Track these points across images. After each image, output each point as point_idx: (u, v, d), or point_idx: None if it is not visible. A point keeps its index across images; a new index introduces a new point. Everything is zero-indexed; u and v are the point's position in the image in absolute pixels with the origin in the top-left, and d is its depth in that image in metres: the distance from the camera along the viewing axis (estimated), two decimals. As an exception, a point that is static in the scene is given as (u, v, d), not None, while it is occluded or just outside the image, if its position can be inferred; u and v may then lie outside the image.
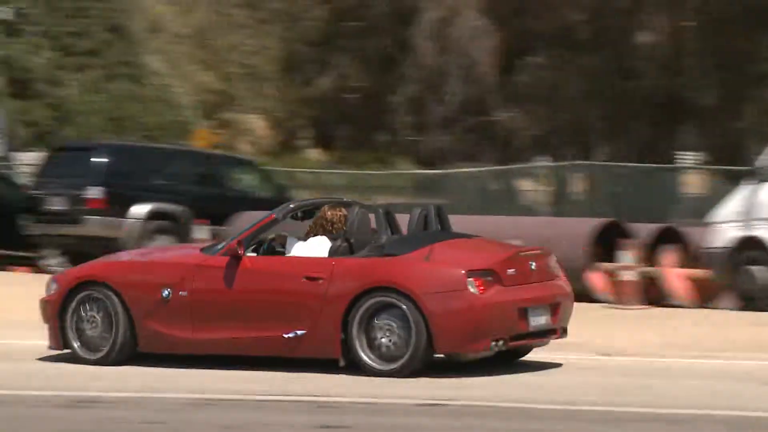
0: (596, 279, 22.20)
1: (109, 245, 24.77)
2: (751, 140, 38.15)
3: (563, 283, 15.21)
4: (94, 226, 26.70)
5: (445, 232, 14.99)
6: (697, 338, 18.08)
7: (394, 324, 13.67)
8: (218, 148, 46.42)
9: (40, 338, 15.56)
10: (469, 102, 41.08)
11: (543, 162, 39.54)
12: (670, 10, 41.41)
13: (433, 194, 37.22)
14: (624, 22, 41.79)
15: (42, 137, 46.22)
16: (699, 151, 37.41)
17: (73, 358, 15.21)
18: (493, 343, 13.70)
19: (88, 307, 15.39)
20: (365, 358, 13.66)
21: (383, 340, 13.76)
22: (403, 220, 15.84)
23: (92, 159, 26.98)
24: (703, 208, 27.98)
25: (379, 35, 45.59)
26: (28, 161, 36.77)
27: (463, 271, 13.67)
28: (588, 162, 36.63)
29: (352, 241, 14.26)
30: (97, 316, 15.32)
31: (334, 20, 47.97)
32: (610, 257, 22.33)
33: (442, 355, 14.33)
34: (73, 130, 47.74)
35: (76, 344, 15.20)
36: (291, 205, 15.92)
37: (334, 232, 14.54)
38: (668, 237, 23.08)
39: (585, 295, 20.92)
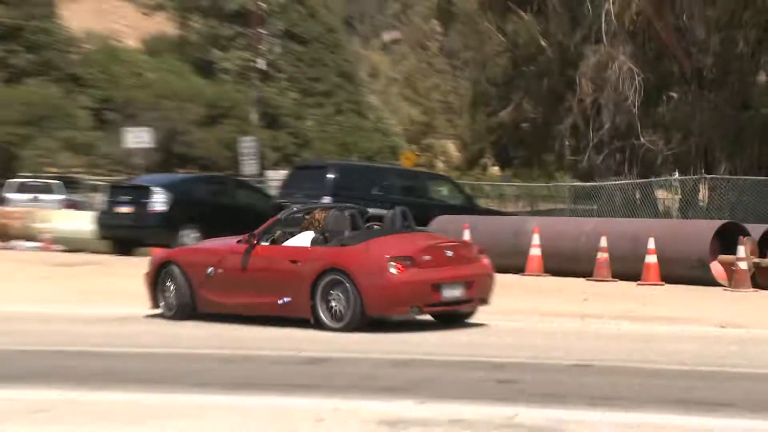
0: (717, 268, 22.08)
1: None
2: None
3: (482, 265, 16.13)
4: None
5: (399, 228, 16.48)
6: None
7: (341, 295, 14.85)
8: (420, 166, 47.02)
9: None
10: (618, 129, 39.81)
11: (675, 176, 39.38)
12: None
13: (588, 202, 38.51)
14: (744, 65, 39.69)
15: (286, 159, 48.01)
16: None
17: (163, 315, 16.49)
18: (411, 309, 15.11)
19: (167, 280, 16.82)
20: (324, 318, 14.96)
21: (334, 305, 14.91)
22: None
23: (325, 175, 26.43)
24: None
25: (549, 76, 43.92)
26: (275, 177, 37.24)
27: (387, 257, 14.95)
28: (711, 176, 35.54)
29: (326, 235, 15.65)
30: (172, 286, 16.73)
31: (513, 65, 46.73)
32: (728, 252, 21.79)
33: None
34: (310, 153, 49.19)
35: (161, 304, 16.77)
36: (293, 209, 18.16)
37: (318, 228, 16.00)
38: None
39: (709, 281, 21.59)
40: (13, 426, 8.22)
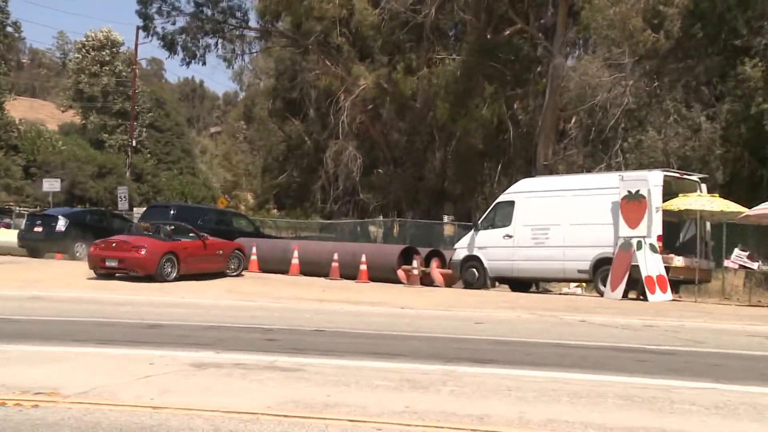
0: (401, 273, 21.39)
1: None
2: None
3: (134, 254, 17.98)
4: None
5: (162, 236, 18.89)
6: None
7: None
8: (229, 207, 43.87)
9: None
10: (348, 189, 38.96)
11: (380, 218, 38.00)
12: None
13: (329, 232, 37.00)
14: (420, 155, 39.33)
15: (147, 201, 45.05)
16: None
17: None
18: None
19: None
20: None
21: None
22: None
23: (169, 211, 25.48)
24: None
25: (308, 157, 42.79)
26: (139, 212, 34.15)
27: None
28: (400, 219, 34.95)
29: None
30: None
31: (288, 150, 45.79)
32: (407, 263, 21.57)
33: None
34: (162, 197, 47.19)
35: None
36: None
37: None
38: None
39: (396, 280, 21.13)
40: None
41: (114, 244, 18.54)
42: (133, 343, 9.02)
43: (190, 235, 19.94)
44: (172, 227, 20.09)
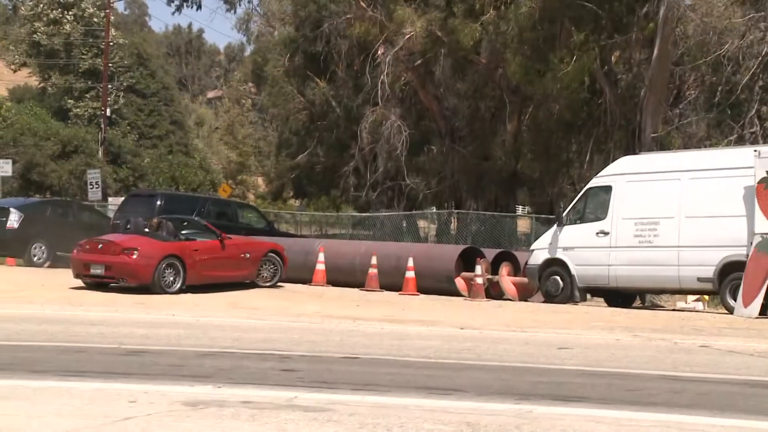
0: (460, 282, 21.96)
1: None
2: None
3: (123, 259, 18.56)
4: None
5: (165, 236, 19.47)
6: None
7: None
8: (234, 196, 46.32)
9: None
10: (389, 172, 39.55)
11: (432, 210, 40.10)
12: None
13: (365, 228, 38.50)
14: (485, 126, 39.46)
15: (126, 188, 47.04)
16: None
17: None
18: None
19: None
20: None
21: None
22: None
23: (154, 201, 26.00)
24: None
25: (337, 130, 43.71)
26: (115, 203, 36.46)
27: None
28: (459, 210, 36.40)
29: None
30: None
31: (309, 120, 46.47)
32: (469, 269, 22.17)
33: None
34: (146, 184, 48.45)
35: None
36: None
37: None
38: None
39: (454, 292, 21.65)
40: None
41: (100, 246, 18.85)
42: (108, 375, 9.07)
43: (208, 233, 20.34)
44: (185, 223, 20.56)
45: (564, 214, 21.50)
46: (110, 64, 51.73)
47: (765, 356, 12.08)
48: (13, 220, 25.90)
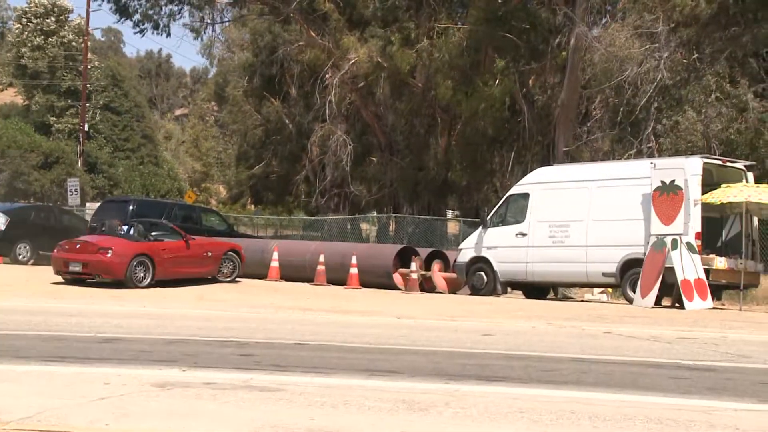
0: (397, 278, 22.01)
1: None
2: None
3: (99, 257, 18.46)
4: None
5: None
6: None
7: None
8: (198, 202, 45.56)
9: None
10: (336, 180, 39.25)
11: (373, 214, 39.65)
12: None
13: (314, 230, 37.99)
14: (420, 140, 39.11)
15: (102, 195, 46.09)
16: None
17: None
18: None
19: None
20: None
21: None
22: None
23: (127, 207, 25.64)
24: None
25: (290, 143, 43.48)
26: (92, 208, 35.06)
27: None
28: (397, 215, 35.75)
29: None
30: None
31: (265, 135, 46.52)
32: (405, 266, 22.17)
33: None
34: (120, 191, 47.84)
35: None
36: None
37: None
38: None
39: (392, 286, 21.68)
40: None
41: (78, 246, 18.96)
42: (85, 360, 8.96)
43: (174, 234, 20.28)
44: (153, 225, 20.48)
45: (488, 217, 21.53)
46: (88, 85, 51.36)
47: (659, 340, 12.15)
48: (0, 222, 25.64)
